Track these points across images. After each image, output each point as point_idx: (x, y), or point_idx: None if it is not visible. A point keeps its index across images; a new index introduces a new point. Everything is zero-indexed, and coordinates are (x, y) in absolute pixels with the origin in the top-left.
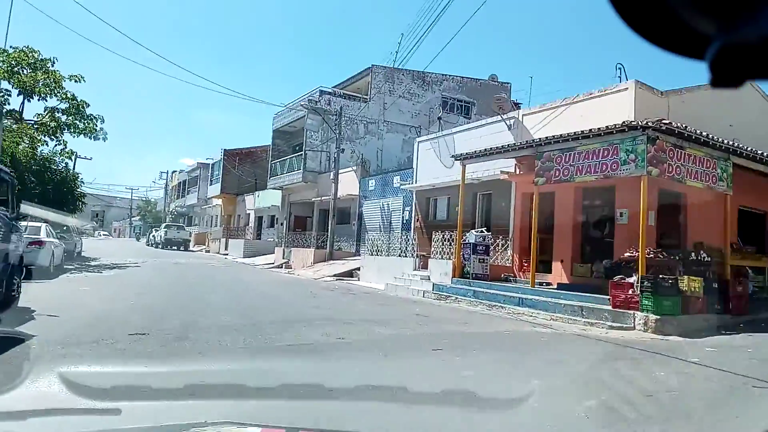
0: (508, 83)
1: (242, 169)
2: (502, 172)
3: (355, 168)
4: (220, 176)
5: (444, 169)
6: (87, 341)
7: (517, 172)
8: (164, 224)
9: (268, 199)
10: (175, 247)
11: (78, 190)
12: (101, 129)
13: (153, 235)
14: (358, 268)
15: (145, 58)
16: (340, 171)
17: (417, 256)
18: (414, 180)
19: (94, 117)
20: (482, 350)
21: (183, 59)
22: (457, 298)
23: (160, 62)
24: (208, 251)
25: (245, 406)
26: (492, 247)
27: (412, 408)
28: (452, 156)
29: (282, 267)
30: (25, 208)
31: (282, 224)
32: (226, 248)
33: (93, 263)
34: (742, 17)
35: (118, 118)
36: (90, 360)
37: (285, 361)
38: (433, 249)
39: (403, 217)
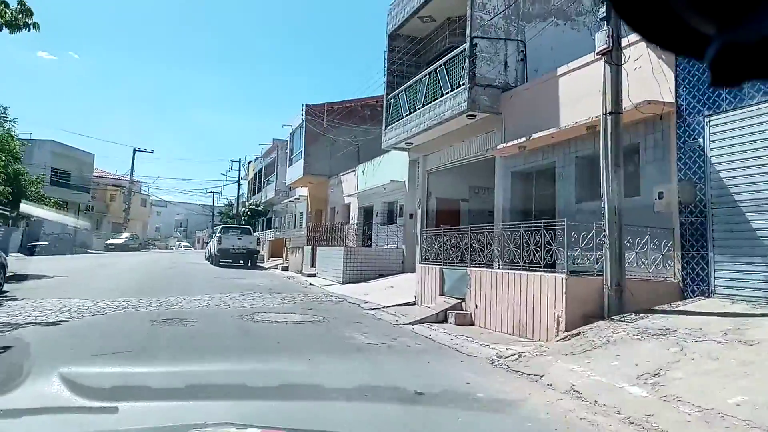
0: None
1: (336, 134)
2: None
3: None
4: (302, 150)
5: None
6: None
7: None
8: (220, 228)
9: (384, 172)
10: (241, 261)
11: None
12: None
13: (210, 246)
14: None
15: None
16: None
17: None
18: None
19: None
20: None
21: None
22: None
23: None
24: (286, 268)
25: None
26: None
27: None
28: None
29: (446, 321)
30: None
31: (411, 216)
32: (312, 263)
33: None
34: (741, 17)
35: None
36: None
37: None
38: None
39: None
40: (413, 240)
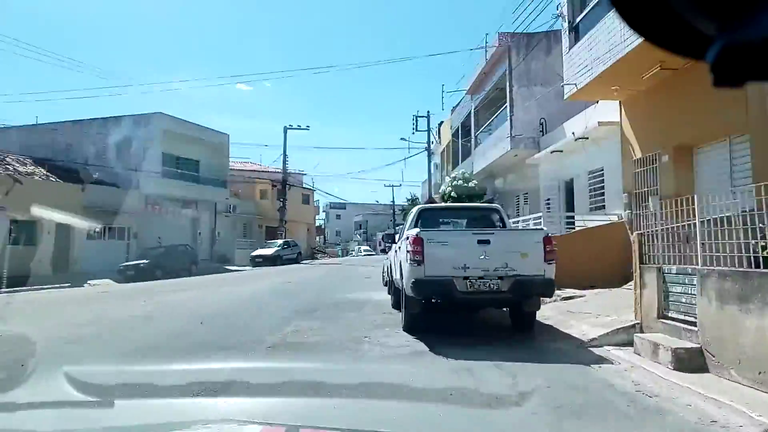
0: None
1: None
2: None
3: None
4: None
5: None
6: None
7: None
8: (414, 213)
9: None
10: (493, 308)
11: None
12: None
13: (389, 262)
14: None
15: None
16: None
17: None
18: None
19: None
20: None
21: None
22: None
23: None
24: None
25: None
26: None
27: None
28: None
29: None
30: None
31: None
32: None
33: None
34: (743, 18)
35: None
36: None
37: None
38: None
39: None
40: None
